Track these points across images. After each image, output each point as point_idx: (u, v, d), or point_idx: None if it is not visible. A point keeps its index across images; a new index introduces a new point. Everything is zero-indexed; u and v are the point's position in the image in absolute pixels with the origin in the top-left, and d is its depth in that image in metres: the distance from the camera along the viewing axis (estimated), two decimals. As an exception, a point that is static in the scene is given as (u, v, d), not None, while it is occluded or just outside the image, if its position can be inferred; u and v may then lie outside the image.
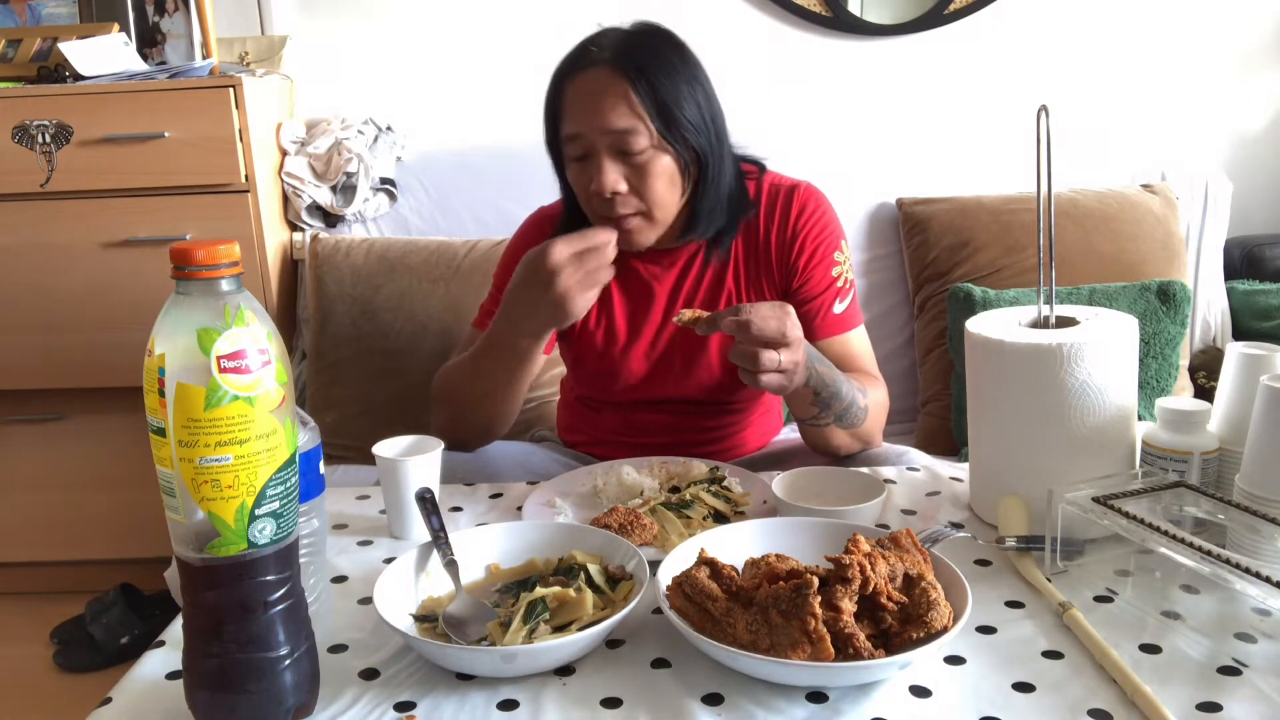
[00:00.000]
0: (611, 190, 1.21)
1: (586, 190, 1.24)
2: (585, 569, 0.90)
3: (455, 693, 0.79)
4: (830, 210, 1.36)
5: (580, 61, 1.23)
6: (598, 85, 1.20)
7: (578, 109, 1.22)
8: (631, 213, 1.23)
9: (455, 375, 1.33)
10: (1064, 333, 1.01)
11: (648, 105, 1.20)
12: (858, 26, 2.26)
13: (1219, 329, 2.17)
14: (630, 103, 1.19)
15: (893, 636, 0.79)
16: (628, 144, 1.20)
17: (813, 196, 1.36)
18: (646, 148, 1.21)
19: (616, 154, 1.21)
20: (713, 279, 1.35)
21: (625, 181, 1.22)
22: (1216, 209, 2.19)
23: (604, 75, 1.21)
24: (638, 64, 1.21)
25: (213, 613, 0.71)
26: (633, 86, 1.20)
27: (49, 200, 1.96)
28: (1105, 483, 0.95)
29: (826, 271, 1.33)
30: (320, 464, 0.89)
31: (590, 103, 1.20)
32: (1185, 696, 0.75)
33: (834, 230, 1.35)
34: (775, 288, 1.35)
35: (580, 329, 1.38)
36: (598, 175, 1.21)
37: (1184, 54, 2.28)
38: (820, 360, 1.18)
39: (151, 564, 2.10)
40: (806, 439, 1.31)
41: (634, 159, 1.21)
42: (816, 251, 1.33)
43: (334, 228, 2.17)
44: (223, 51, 2.18)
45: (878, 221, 2.16)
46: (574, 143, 1.23)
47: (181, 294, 0.68)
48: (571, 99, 1.23)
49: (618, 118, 1.19)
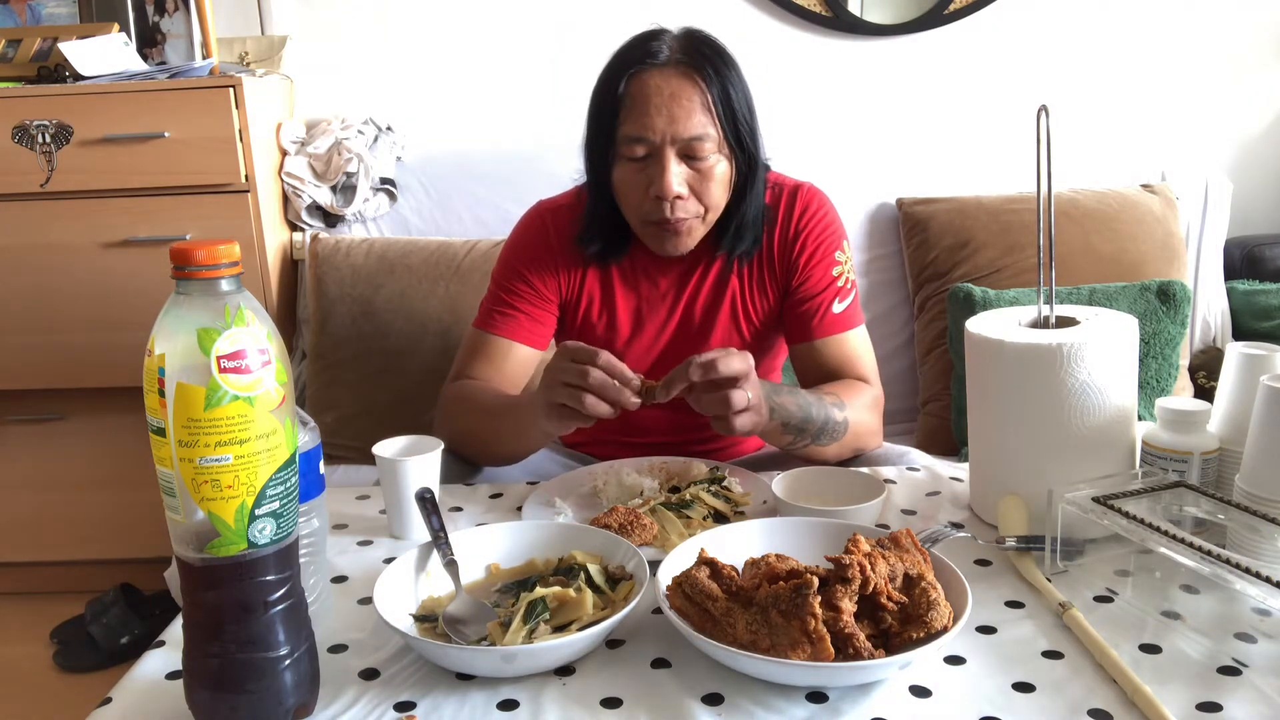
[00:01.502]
0: (674, 195, 1.20)
1: (641, 191, 1.22)
2: (585, 569, 0.90)
3: (455, 693, 0.79)
4: (833, 211, 1.37)
5: (646, 59, 1.21)
6: (671, 86, 1.19)
7: (647, 109, 1.19)
8: (687, 217, 1.23)
9: (471, 411, 1.29)
10: (1064, 333, 1.01)
11: (718, 111, 1.20)
12: (858, 26, 2.26)
13: (1219, 329, 2.17)
14: (705, 107, 1.19)
15: (893, 636, 0.79)
16: (696, 149, 1.19)
17: (816, 196, 1.36)
18: (711, 153, 1.20)
19: (682, 157, 1.20)
20: (716, 278, 1.35)
21: (687, 185, 1.21)
22: (1216, 209, 2.18)
23: (676, 76, 1.19)
24: (711, 67, 1.20)
25: (213, 613, 0.71)
26: (706, 91, 1.19)
27: (49, 200, 1.96)
28: (1105, 483, 0.95)
29: (827, 270, 1.33)
30: (320, 464, 0.89)
31: (663, 104, 1.18)
32: (1185, 696, 0.75)
33: (836, 230, 1.36)
34: (777, 286, 1.35)
35: (582, 325, 1.37)
36: (662, 178, 1.19)
37: (1184, 54, 2.28)
38: (777, 390, 1.16)
39: (151, 564, 2.10)
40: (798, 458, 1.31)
41: (698, 164, 1.21)
42: (818, 250, 1.33)
43: (334, 228, 2.17)
44: (223, 51, 2.18)
45: (878, 221, 2.16)
46: (637, 143, 1.20)
47: (181, 294, 0.68)
48: (639, 98, 1.20)
49: (692, 123, 1.18)
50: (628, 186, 1.24)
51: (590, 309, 1.36)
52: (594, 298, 1.36)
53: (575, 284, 1.35)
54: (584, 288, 1.35)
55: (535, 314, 1.35)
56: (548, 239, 1.35)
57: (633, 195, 1.24)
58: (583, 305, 1.36)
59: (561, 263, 1.35)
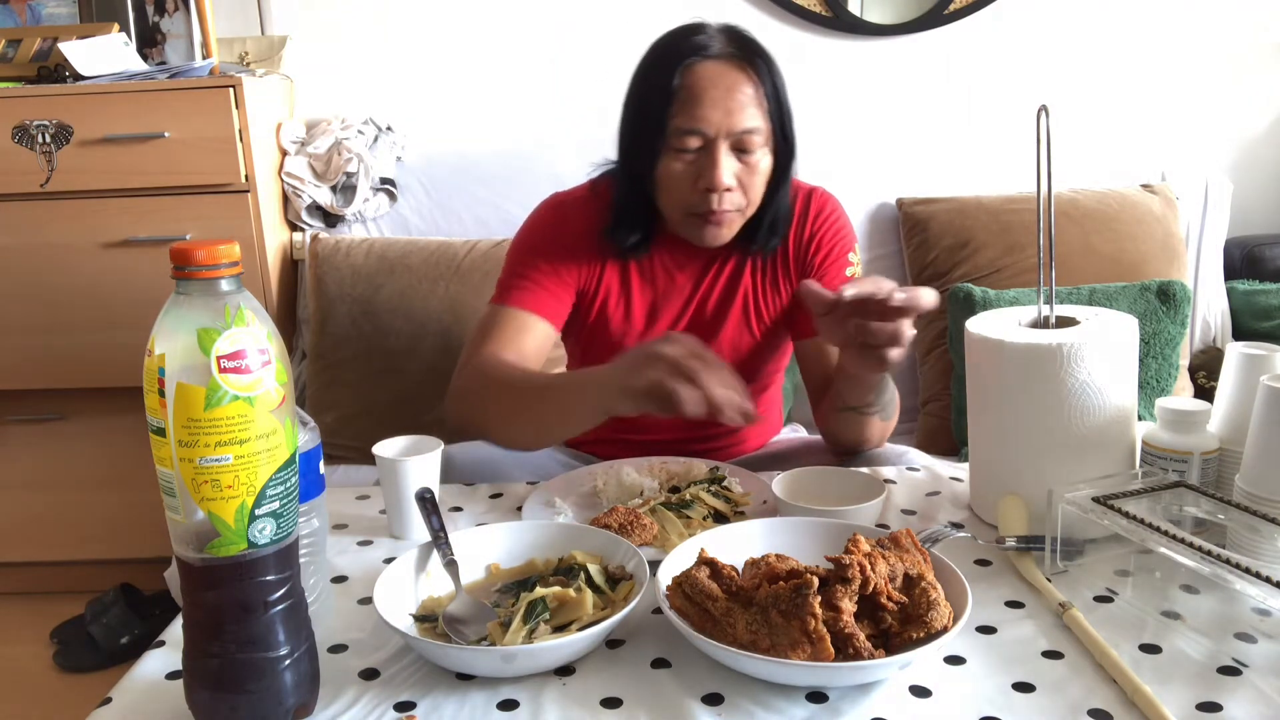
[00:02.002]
0: (725, 187, 1.20)
1: (688, 183, 1.22)
2: (585, 569, 0.90)
3: (455, 693, 0.79)
4: (845, 215, 1.38)
5: (699, 51, 1.20)
6: (728, 80, 1.19)
7: (704, 101, 1.18)
8: (732, 210, 1.23)
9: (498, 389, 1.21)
10: (1064, 333, 1.01)
11: (770, 106, 1.21)
12: (858, 26, 2.26)
13: (1219, 329, 2.17)
14: (758, 101, 1.20)
15: (893, 636, 0.79)
16: (747, 142, 1.20)
17: (830, 200, 1.37)
18: (759, 147, 1.21)
19: (733, 150, 1.20)
20: (730, 275, 1.35)
21: (735, 178, 1.21)
22: (1216, 209, 2.19)
23: (732, 70, 1.19)
24: (761, 60, 1.21)
25: (213, 613, 0.71)
26: (759, 84, 1.20)
27: (49, 200, 1.96)
28: (1105, 483, 0.95)
29: (840, 271, 1.35)
30: (320, 464, 0.89)
31: (720, 97, 1.18)
32: (1185, 696, 0.75)
33: (849, 233, 1.37)
34: (791, 286, 1.36)
35: (597, 318, 1.36)
36: (713, 170, 1.19)
37: (1184, 54, 2.28)
38: None
39: (151, 564, 2.11)
40: (835, 430, 1.30)
41: (747, 157, 1.21)
42: (833, 252, 1.35)
43: (334, 228, 2.17)
44: (223, 51, 2.18)
45: (878, 221, 2.16)
46: (690, 135, 1.20)
47: (181, 294, 0.68)
48: (694, 90, 1.19)
49: (748, 116, 1.19)
50: (675, 178, 1.23)
51: (607, 301, 1.35)
52: (611, 290, 1.35)
53: (594, 275, 1.34)
54: (602, 280, 1.34)
55: (554, 290, 1.32)
56: (568, 228, 1.34)
57: (680, 187, 1.23)
58: (600, 297, 1.35)
59: (581, 252, 1.33)
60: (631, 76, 1.27)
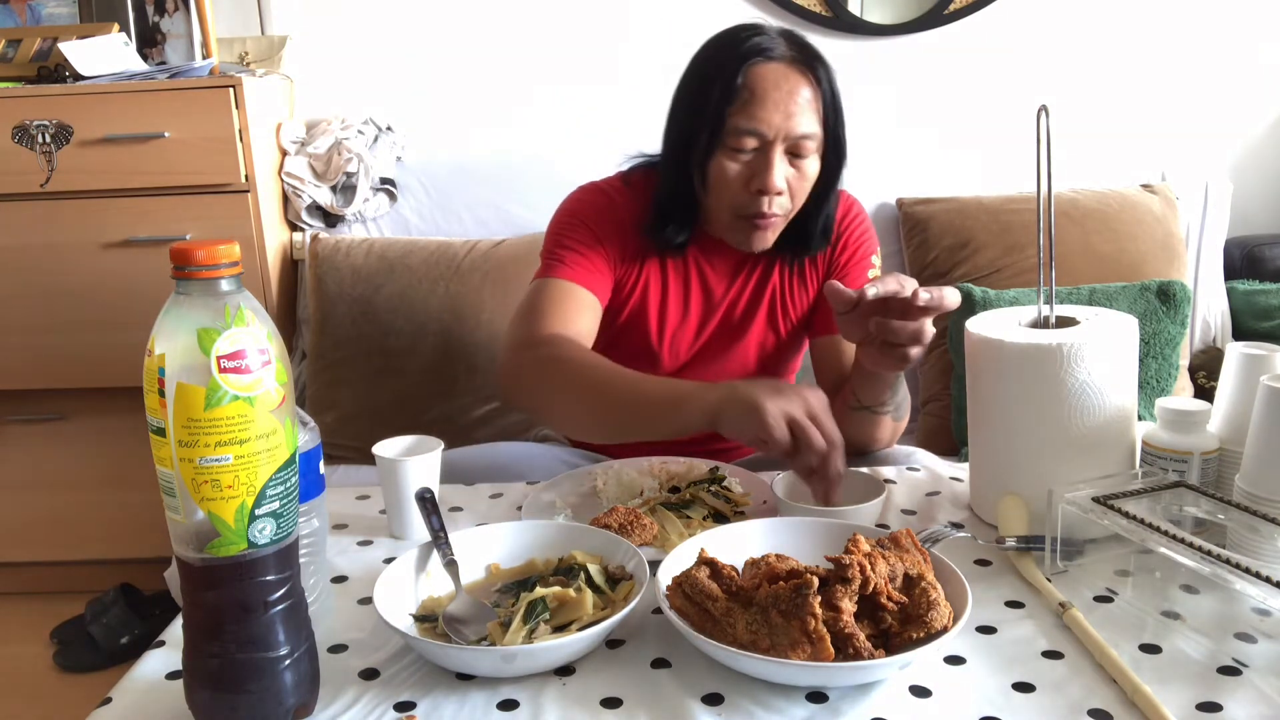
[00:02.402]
0: (778, 189, 1.20)
1: (741, 184, 1.21)
2: (585, 569, 0.90)
3: (455, 693, 0.79)
4: (869, 219, 1.40)
5: (763, 52, 1.20)
6: (790, 83, 1.19)
7: (766, 103, 1.18)
8: (779, 214, 1.23)
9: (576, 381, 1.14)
10: (1064, 333, 1.01)
11: (827, 113, 1.21)
12: (858, 26, 2.26)
13: (1219, 329, 2.17)
14: (817, 107, 1.20)
15: (893, 636, 0.79)
16: (802, 147, 1.20)
17: (855, 202, 1.39)
18: (812, 153, 1.21)
19: (787, 154, 1.20)
20: (760, 275, 1.36)
21: (786, 182, 1.21)
22: (1216, 209, 2.19)
23: (794, 74, 1.19)
24: (820, 65, 1.21)
25: (213, 613, 0.71)
26: (818, 89, 1.20)
27: (49, 200, 1.96)
28: (1105, 483, 0.95)
29: (863, 272, 1.36)
30: (320, 464, 0.89)
31: (781, 100, 1.18)
32: (1185, 696, 0.75)
33: (873, 236, 1.39)
34: (817, 285, 1.38)
35: (631, 311, 1.35)
36: (767, 172, 1.19)
37: (1184, 54, 2.28)
38: None
39: (151, 564, 2.10)
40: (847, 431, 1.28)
41: (799, 162, 1.21)
42: (858, 252, 1.36)
43: (334, 228, 2.17)
44: (223, 51, 2.18)
45: (878, 221, 2.14)
46: (749, 136, 1.19)
47: (181, 294, 0.68)
48: (758, 91, 1.18)
49: (805, 121, 1.19)
50: (727, 177, 1.22)
51: (646, 296, 1.34)
52: (649, 285, 1.34)
53: (633, 269, 1.33)
54: (641, 275, 1.33)
55: (600, 266, 1.29)
56: (611, 215, 1.31)
57: (732, 186, 1.22)
58: (637, 290, 1.34)
59: (622, 242, 1.31)
60: (685, 71, 1.26)
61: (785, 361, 1.42)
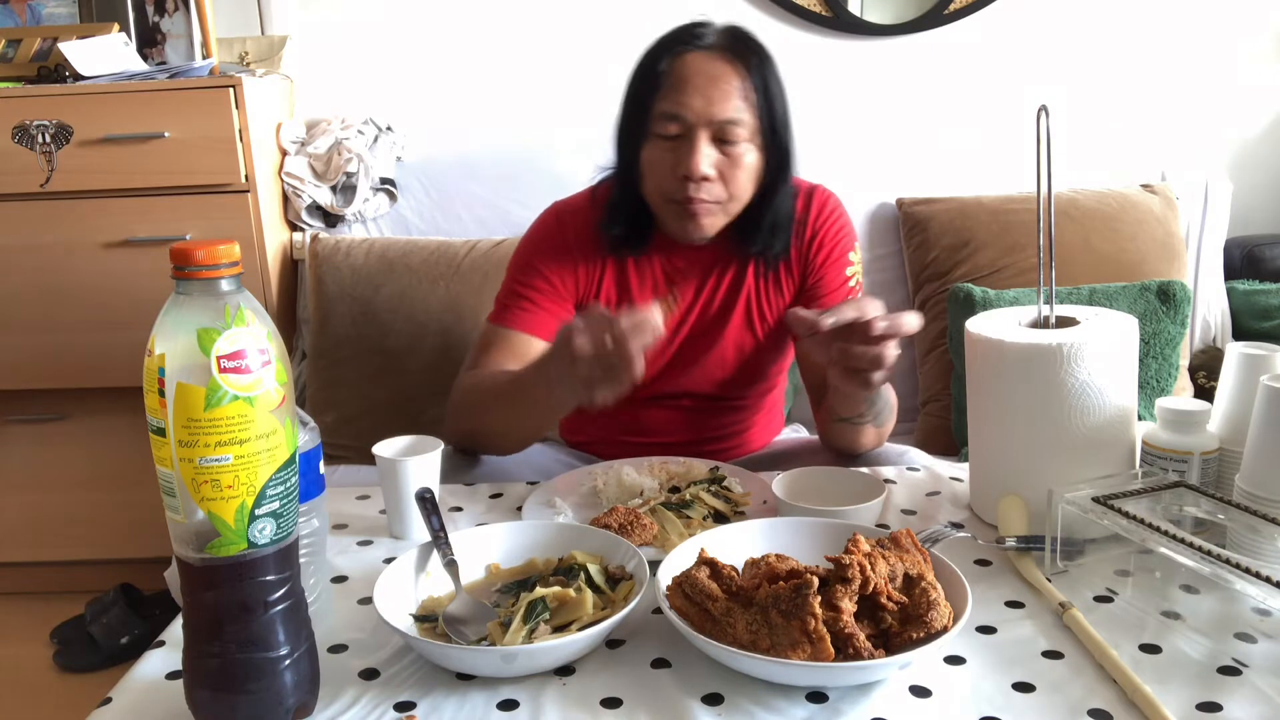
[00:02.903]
0: (701, 175, 1.19)
1: (669, 170, 1.22)
2: (585, 569, 0.90)
3: (455, 693, 0.79)
4: (846, 214, 1.38)
5: (689, 41, 1.22)
6: (712, 69, 1.19)
7: (686, 88, 1.19)
8: (710, 201, 1.22)
9: (483, 398, 1.25)
10: (1064, 333, 1.01)
11: (756, 99, 1.20)
12: (858, 26, 2.26)
13: (1219, 329, 2.17)
14: (742, 93, 1.20)
15: (893, 636, 0.79)
16: (729, 133, 1.20)
17: (830, 198, 1.37)
18: (743, 140, 1.21)
19: (713, 140, 1.20)
20: (733, 278, 1.35)
21: (716, 169, 1.21)
22: (1216, 209, 2.19)
23: (719, 61, 1.20)
24: (755, 57, 1.21)
25: (213, 613, 0.71)
26: (747, 77, 1.20)
27: (49, 200, 1.96)
28: (1105, 483, 0.95)
29: (841, 271, 1.35)
30: (320, 464, 0.89)
31: (702, 85, 1.19)
32: (1185, 696, 0.75)
33: (849, 232, 1.37)
34: (793, 285, 1.36)
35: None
36: (690, 157, 1.19)
37: (1184, 54, 2.28)
38: None
39: (151, 564, 2.10)
40: (831, 437, 1.31)
41: (729, 149, 1.21)
42: (834, 251, 1.35)
43: (334, 228, 2.17)
44: (223, 51, 2.18)
45: (878, 221, 2.16)
46: (671, 121, 1.20)
47: (181, 294, 0.68)
48: (679, 77, 1.20)
49: (728, 106, 1.19)
50: (655, 164, 1.23)
51: (611, 302, 1.35)
52: (611, 297, 1.35)
53: (593, 282, 1.35)
54: (601, 286, 1.35)
55: (552, 309, 1.33)
56: (565, 237, 1.35)
57: (659, 172, 1.23)
58: (601, 298, 1.35)
59: (580, 260, 1.34)
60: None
61: (768, 364, 1.41)
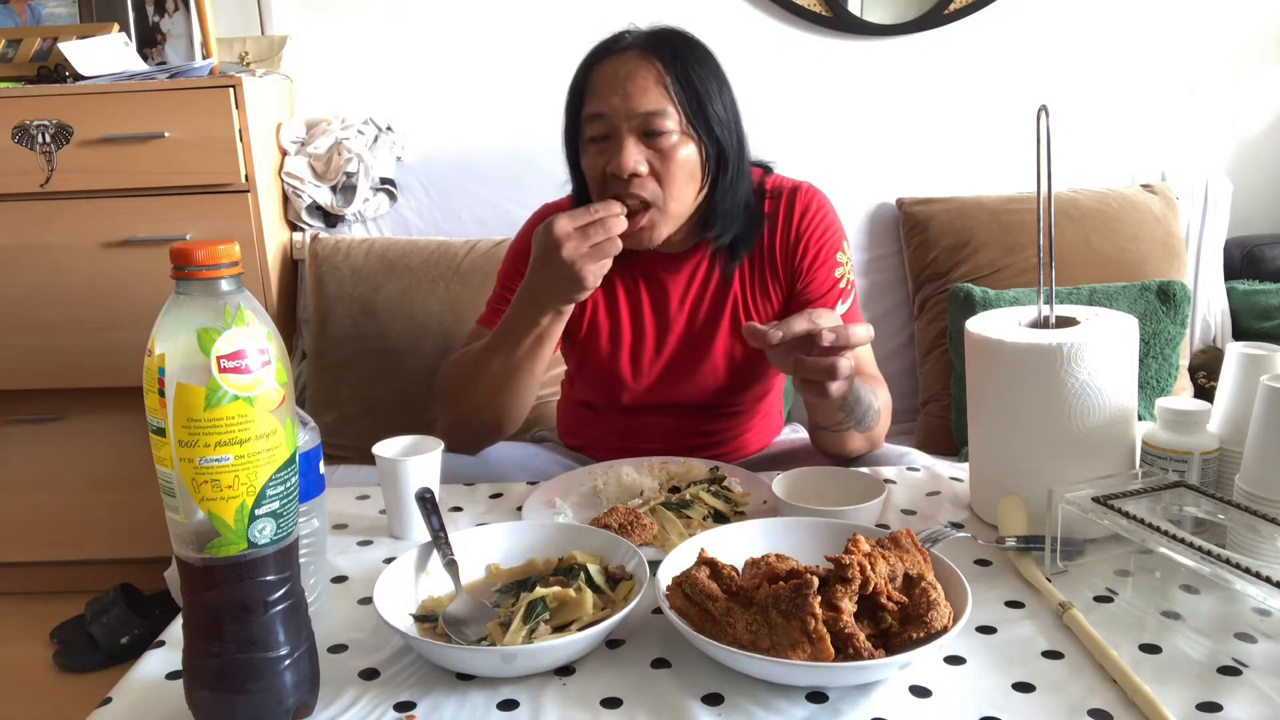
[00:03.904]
0: (631, 171, 1.18)
1: (602, 172, 1.21)
2: (585, 569, 0.90)
3: (455, 693, 0.79)
4: (833, 211, 1.36)
5: (610, 48, 1.23)
6: (628, 67, 1.20)
7: (605, 89, 1.20)
8: (647, 197, 1.20)
9: (465, 368, 1.29)
10: (1064, 333, 1.01)
11: (678, 90, 1.20)
12: (858, 26, 2.26)
13: (1219, 329, 2.17)
14: (661, 85, 1.19)
15: (893, 636, 0.79)
16: (655, 125, 1.18)
17: (815, 197, 1.35)
18: (673, 131, 1.19)
19: (641, 136, 1.19)
20: (719, 283, 1.34)
21: (647, 164, 1.19)
22: (1216, 209, 2.18)
23: (635, 58, 1.20)
24: (671, 50, 1.21)
25: (213, 613, 0.71)
26: (665, 70, 1.19)
27: (49, 200, 1.96)
28: (1105, 483, 0.95)
29: (829, 273, 1.33)
30: (320, 464, 0.89)
31: (619, 83, 1.19)
32: (1185, 696, 0.75)
33: (836, 231, 1.35)
34: (781, 290, 1.35)
35: (586, 331, 1.37)
36: (618, 155, 1.18)
37: (1184, 54, 2.28)
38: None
39: (151, 564, 2.10)
40: (820, 444, 1.30)
41: (658, 142, 1.19)
42: (820, 252, 1.33)
43: (334, 228, 2.17)
44: (223, 51, 2.18)
45: (878, 221, 2.16)
46: (596, 122, 1.20)
47: (181, 294, 0.68)
48: (599, 80, 1.21)
49: (647, 99, 1.18)
50: (593, 170, 1.23)
51: (595, 315, 1.35)
52: (598, 304, 1.35)
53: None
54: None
55: None
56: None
57: (597, 178, 1.23)
58: (586, 311, 1.35)
59: None
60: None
61: (760, 371, 1.39)
